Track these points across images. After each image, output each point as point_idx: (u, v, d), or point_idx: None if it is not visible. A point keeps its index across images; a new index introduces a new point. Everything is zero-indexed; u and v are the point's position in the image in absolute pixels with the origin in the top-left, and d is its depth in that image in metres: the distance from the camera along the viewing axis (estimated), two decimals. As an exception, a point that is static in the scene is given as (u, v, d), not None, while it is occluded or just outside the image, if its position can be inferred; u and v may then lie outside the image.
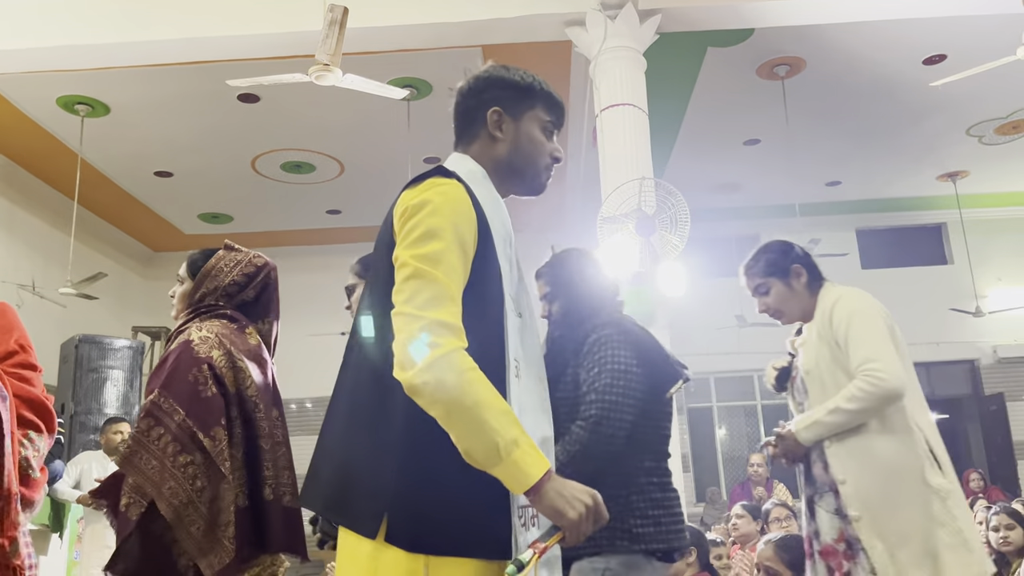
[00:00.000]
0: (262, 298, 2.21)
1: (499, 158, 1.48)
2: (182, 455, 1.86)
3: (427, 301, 1.24)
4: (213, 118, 6.82)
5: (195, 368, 1.93)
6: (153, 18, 5.08)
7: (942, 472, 2.14)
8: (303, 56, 5.12)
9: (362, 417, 1.33)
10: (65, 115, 6.65)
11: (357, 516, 1.28)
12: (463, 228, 1.32)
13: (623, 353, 2.08)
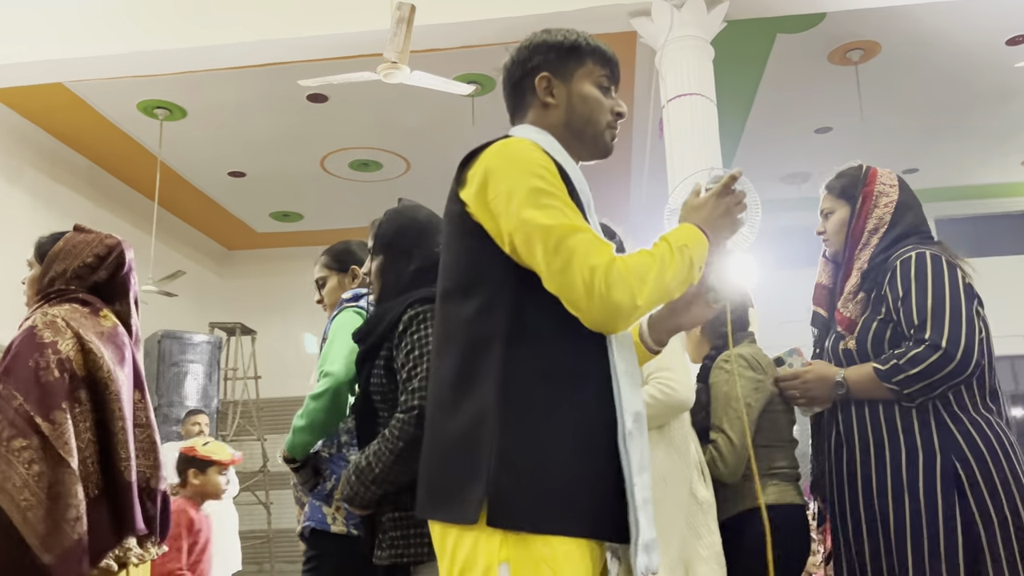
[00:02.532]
0: (116, 278, 2.14)
1: (556, 124, 1.41)
2: (17, 439, 1.79)
3: (584, 256, 1.20)
4: (284, 119, 7.00)
5: (36, 353, 1.87)
6: (228, 22, 5.24)
7: (706, 486, 2.16)
8: (371, 55, 5.20)
9: (452, 399, 1.27)
10: (145, 119, 6.91)
11: (456, 504, 1.20)
12: (548, 174, 1.27)
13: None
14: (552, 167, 1.29)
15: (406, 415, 1.71)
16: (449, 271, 1.35)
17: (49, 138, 7.25)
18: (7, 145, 6.81)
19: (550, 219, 1.22)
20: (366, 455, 1.76)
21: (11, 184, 6.84)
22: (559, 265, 1.21)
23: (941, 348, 1.79)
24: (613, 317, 1.22)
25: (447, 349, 1.30)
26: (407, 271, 1.90)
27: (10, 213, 6.75)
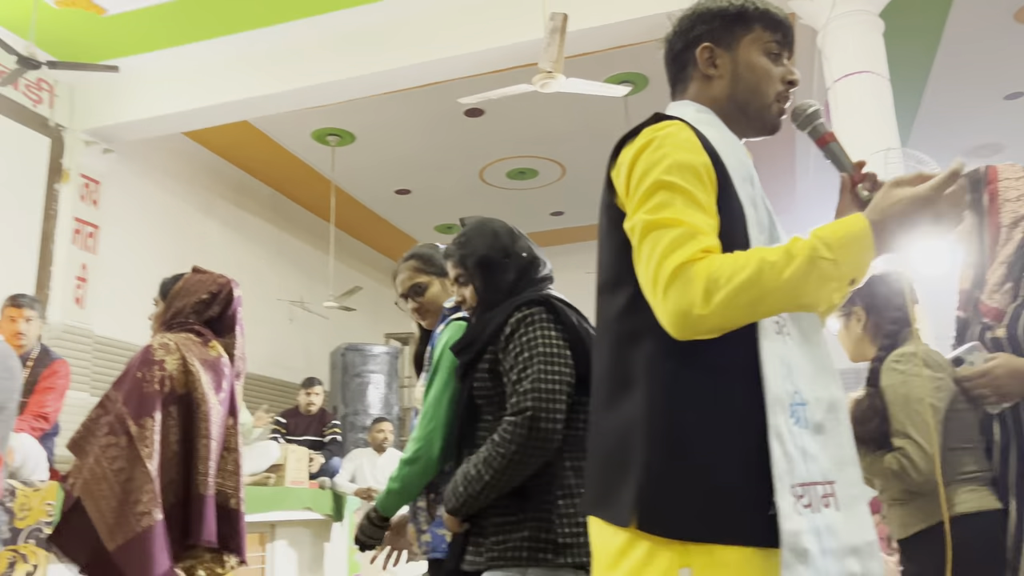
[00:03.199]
0: (226, 314, 2.37)
1: (719, 97, 1.31)
2: (108, 436, 2.00)
3: (667, 249, 1.10)
4: (444, 135, 7.27)
5: (145, 367, 2.10)
6: (388, 48, 5.52)
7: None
8: (524, 66, 5.31)
9: (607, 397, 1.22)
10: (318, 146, 7.41)
11: (611, 505, 1.15)
12: (696, 166, 1.17)
13: (551, 333, 1.75)
14: (697, 151, 1.19)
15: (517, 417, 1.65)
16: (602, 265, 1.29)
17: (237, 171, 7.94)
18: (202, 180, 7.52)
19: (652, 214, 1.14)
20: (474, 463, 1.71)
21: (206, 215, 7.54)
22: (641, 257, 1.14)
23: None
24: (674, 324, 1.09)
25: (600, 346, 1.26)
26: (507, 281, 1.89)
27: (207, 240, 7.45)
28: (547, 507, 1.68)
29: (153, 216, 6.93)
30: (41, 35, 5.36)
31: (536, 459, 1.66)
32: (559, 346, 1.73)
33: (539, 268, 1.94)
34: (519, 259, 1.91)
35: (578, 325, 1.80)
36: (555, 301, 1.81)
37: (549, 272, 1.97)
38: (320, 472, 5.37)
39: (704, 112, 1.30)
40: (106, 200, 6.41)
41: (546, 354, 1.71)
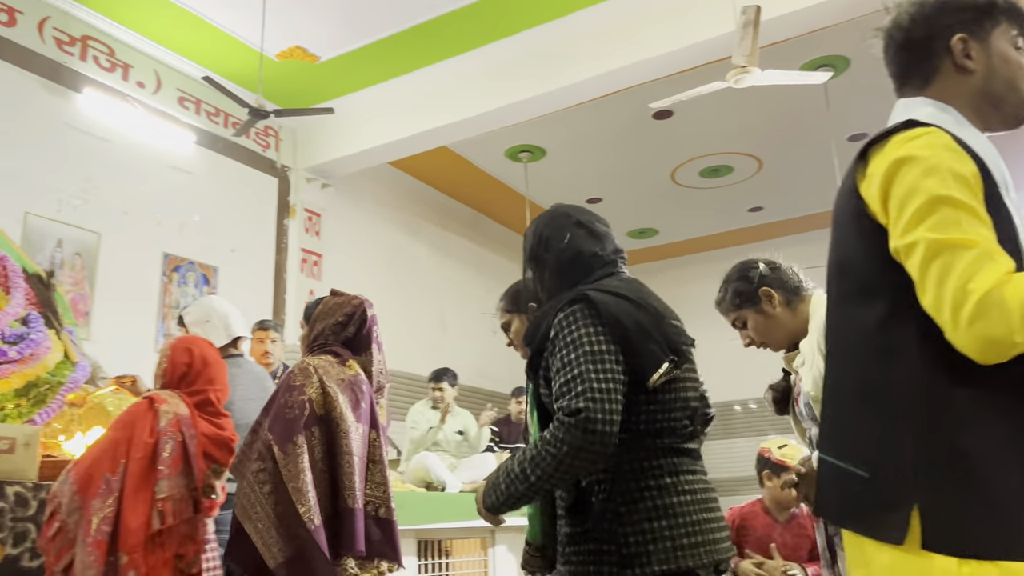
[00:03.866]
0: (361, 333, 2.48)
1: (973, 92, 1.26)
2: (257, 463, 2.16)
3: (963, 277, 1.05)
4: (632, 140, 7.25)
5: (287, 394, 2.25)
6: (574, 61, 5.61)
7: None
8: (714, 62, 5.20)
9: (855, 411, 1.19)
10: (511, 164, 7.65)
11: (876, 521, 1.12)
12: (967, 177, 1.11)
13: (594, 328, 1.61)
14: (964, 160, 1.13)
15: (570, 418, 1.53)
16: (845, 271, 1.25)
17: (439, 194, 8.39)
18: (408, 205, 8.02)
19: (939, 232, 1.08)
20: (519, 461, 1.60)
21: (414, 238, 8.02)
22: (930, 279, 1.08)
23: None
24: (983, 352, 1.04)
25: (845, 357, 1.23)
26: (547, 276, 1.82)
27: (416, 263, 7.92)
28: (609, 515, 1.59)
29: (368, 242, 7.47)
30: (266, 86, 5.99)
31: (588, 463, 1.55)
32: (605, 342, 1.60)
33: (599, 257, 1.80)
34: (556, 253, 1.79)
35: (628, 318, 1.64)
36: (599, 294, 1.67)
37: (611, 255, 1.82)
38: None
39: (947, 111, 1.24)
40: (327, 231, 7.01)
41: (592, 352, 1.59)
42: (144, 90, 5.66)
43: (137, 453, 2.16)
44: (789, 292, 2.16)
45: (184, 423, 2.26)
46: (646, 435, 1.65)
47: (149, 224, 5.58)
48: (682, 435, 1.69)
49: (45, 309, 3.45)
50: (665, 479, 1.62)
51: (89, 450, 2.28)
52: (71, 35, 5.25)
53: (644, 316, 1.66)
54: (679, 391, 1.69)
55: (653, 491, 1.61)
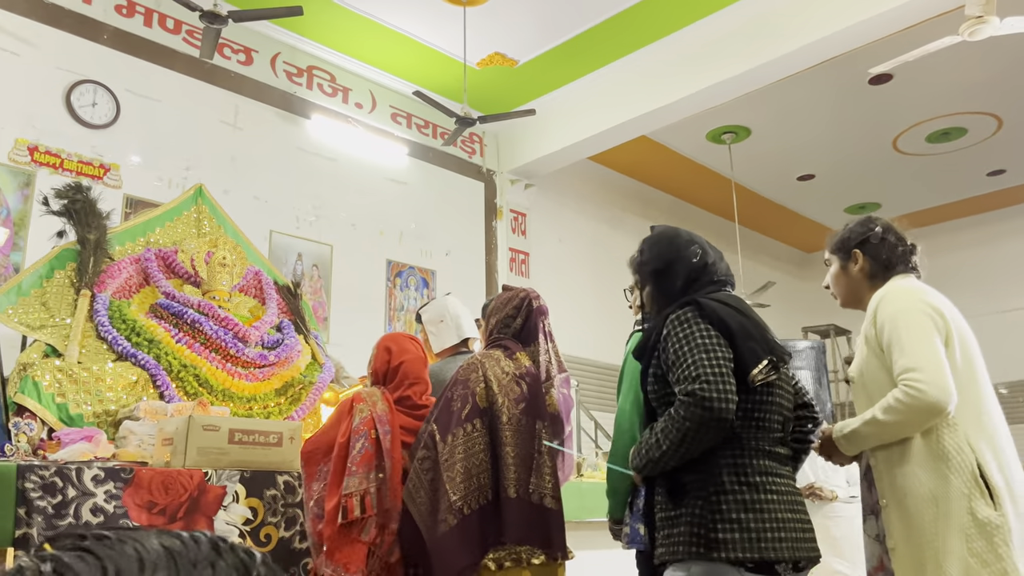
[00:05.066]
0: (527, 325, 2.51)
1: None
2: (423, 449, 2.28)
3: None
4: (846, 110, 6.78)
5: (455, 387, 2.33)
6: (777, 34, 5.33)
7: (994, 503, 1.83)
8: (939, 15, 4.73)
9: None
10: (714, 147, 7.43)
11: None
12: None
13: (703, 327, 1.81)
14: None
15: (689, 397, 1.73)
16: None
17: (639, 184, 8.32)
18: (609, 198, 8.03)
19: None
20: (655, 430, 1.83)
21: (616, 229, 8.02)
22: None
23: None
24: None
25: None
26: (675, 287, 1.97)
27: (617, 254, 7.86)
28: (702, 503, 1.75)
29: (571, 237, 7.58)
30: (469, 95, 6.25)
31: (710, 436, 1.73)
32: (715, 336, 1.79)
33: (711, 273, 1.98)
34: (688, 265, 1.98)
35: (732, 319, 1.83)
36: (706, 300, 1.87)
37: (723, 275, 2.02)
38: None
39: None
40: (532, 229, 7.19)
41: (703, 344, 1.78)
42: (362, 110, 6.12)
43: (334, 452, 2.35)
44: (879, 268, 2.19)
45: (380, 419, 2.39)
46: (743, 432, 1.80)
47: (373, 234, 6.03)
48: (773, 438, 1.86)
49: (294, 317, 3.84)
50: (756, 477, 1.78)
51: (312, 437, 2.51)
52: (298, 67, 5.78)
53: (747, 321, 1.86)
54: (775, 395, 1.86)
55: (744, 486, 1.77)
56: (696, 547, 1.73)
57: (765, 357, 1.79)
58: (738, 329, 1.80)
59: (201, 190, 3.92)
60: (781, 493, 1.79)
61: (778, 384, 1.86)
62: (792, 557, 1.74)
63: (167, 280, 3.46)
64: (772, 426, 1.84)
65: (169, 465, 2.41)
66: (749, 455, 1.79)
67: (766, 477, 1.79)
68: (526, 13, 5.50)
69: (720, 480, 1.76)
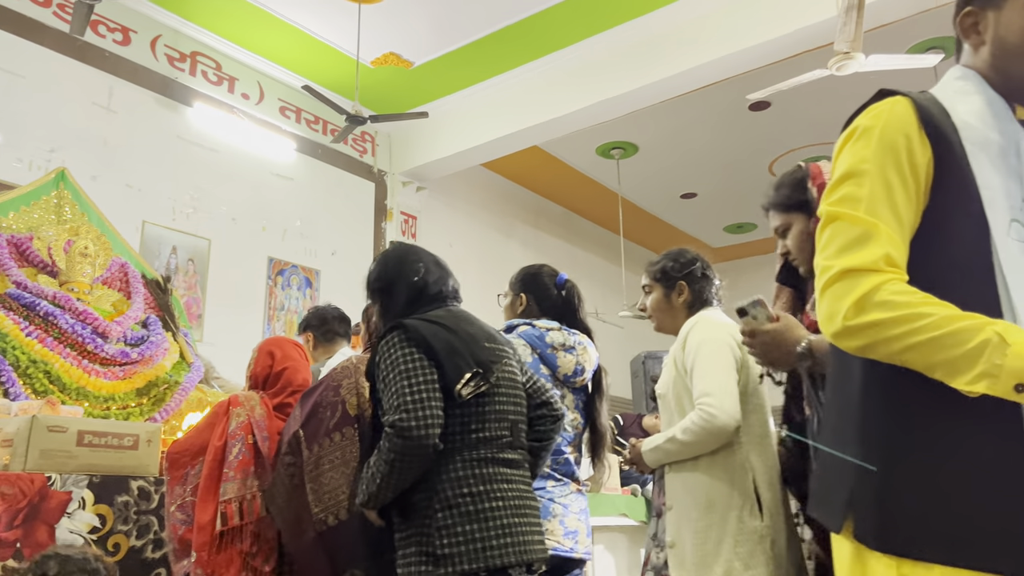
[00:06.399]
0: None
1: (985, 64, 1.21)
2: (288, 456, 2.18)
3: (839, 249, 1.09)
4: (728, 133, 7.08)
5: (325, 392, 2.23)
6: (666, 55, 5.52)
7: (761, 515, 2.01)
8: (814, 49, 5.01)
9: (831, 397, 1.22)
10: (603, 161, 7.60)
11: (827, 508, 1.14)
12: (899, 152, 1.11)
13: (408, 350, 1.85)
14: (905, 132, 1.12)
15: (389, 429, 1.78)
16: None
17: (531, 194, 8.41)
18: (501, 206, 8.07)
19: (838, 204, 1.12)
20: (369, 464, 1.87)
21: (507, 237, 8.07)
22: (819, 248, 1.11)
23: None
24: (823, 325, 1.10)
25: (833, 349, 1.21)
26: (398, 306, 2.03)
27: (510, 263, 7.92)
28: (428, 521, 1.79)
29: (462, 243, 7.57)
30: (362, 93, 6.14)
31: (417, 464, 1.78)
32: (418, 359, 1.84)
33: (432, 291, 2.05)
34: (409, 284, 2.04)
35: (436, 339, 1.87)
36: (412, 320, 1.91)
37: (448, 292, 2.09)
38: (629, 480, 5.46)
39: (965, 79, 1.21)
40: (422, 233, 7.13)
41: (406, 370, 1.82)
42: (248, 101, 5.91)
43: (208, 456, 2.25)
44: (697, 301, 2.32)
45: (258, 425, 2.30)
46: (462, 445, 1.85)
47: (255, 230, 5.82)
48: (501, 444, 1.90)
49: (163, 312, 3.64)
50: (480, 487, 1.83)
51: (181, 439, 2.39)
52: (181, 51, 5.52)
53: (454, 338, 1.91)
54: (497, 403, 1.92)
55: (467, 498, 1.81)
56: (424, 565, 1.77)
57: (469, 371, 1.87)
58: (442, 347, 1.87)
59: (64, 174, 3.67)
60: (508, 499, 1.86)
61: (500, 391, 1.94)
62: (521, 560, 1.80)
63: (19, 268, 3.21)
64: (497, 434, 1.90)
65: (7, 468, 2.23)
66: (472, 466, 1.84)
67: (491, 485, 1.85)
68: (423, 16, 5.46)
69: (444, 495, 1.80)
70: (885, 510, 1.03)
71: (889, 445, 1.05)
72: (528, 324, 2.53)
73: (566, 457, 2.45)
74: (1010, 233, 1.06)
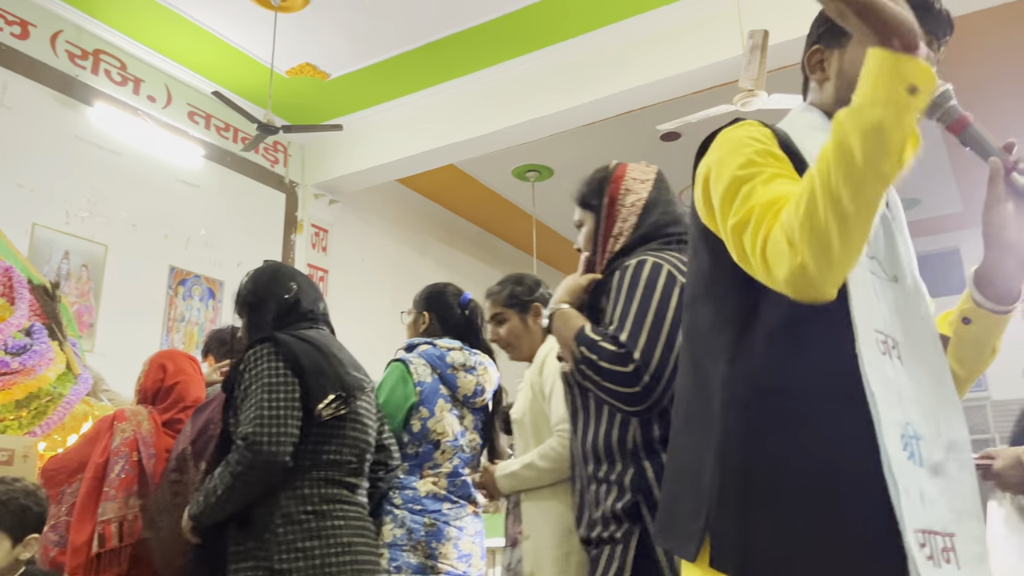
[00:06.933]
0: None
1: (829, 101, 1.19)
2: (175, 472, 2.16)
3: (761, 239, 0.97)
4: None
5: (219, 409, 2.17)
6: (583, 82, 5.63)
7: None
8: (723, 85, 5.20)
9: (683, 418, 1.15)
10: (518, 183, 7.67)
11: (679, 536, 1.08)
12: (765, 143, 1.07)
13: (275, 364, 1.87)
14: (766, 138, 1.09)
15: (241, 441, 1.79)
16: (689, 278, 1.23)
17: (446, 212, 8.41)
18: (415, 222, 8.03)
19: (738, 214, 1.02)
20: (212, 477, 1.86)
21: (421, 254, 8.03)
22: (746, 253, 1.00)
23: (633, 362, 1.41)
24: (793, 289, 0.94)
25: (683, 363, 1.19)
26: (266, 321, 2.05)
27: (423, 280, 7.86)
28: (268, 535, 1.78)
29: (374, 259, 7.48)
30: (276, 102, 6.02)
31: (264, 479, 1.79)
32: (284, 374, 1.85)
33: (302, 310, 2.07)
34: (279, 301, 2.06)
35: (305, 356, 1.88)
36: (284, 335, 1.92)
37: (319, 314, 2.11)
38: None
39: (811, 115, 1.19)
40: (334, 247, 7.02)
41: (269, 383, 1.83)
42: (155, 104, 5.70)
43: (88, 473, 2.15)
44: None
45: (144, 441, 2.22)
46: (312, 465, 1.87)
47: (156, 237, 5.60)
48: (347, 470, 1.94)
49: (49, 320, 3.45)
50: (323, 506, 1.85)
51: (58, 455, 2.28)
52: (83, 48, 5.29)
53: (322, 358, 1.93)
54: (352, 429, 1.95)
55: (310, 515, 1.82)
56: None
57: (333, 392, 1.89)
58: (310, 365, 1.89)
59: (-55, 170, 3.45)
60: (350, 519, 1.89)
61: (358, 419, 1.98)
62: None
63: None
64: (347, 458, 1.95)
65: None
66: (318, 485, 1.87)
67: (334, 505, 1.88)
68: (342, 28, 5.41)
69: (287, 511, 1.81)
70: (745, 536, 0.99)
71: (749, 469, 1.01)
72: (429, 344, 2.51)
73: (463, 479, 2.43)
74: (865, 264, 1.03)
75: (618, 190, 1.76)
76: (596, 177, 1.83)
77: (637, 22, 5.32)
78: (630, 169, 1.80)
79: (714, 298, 1.12)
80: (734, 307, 1.09)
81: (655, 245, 1.64)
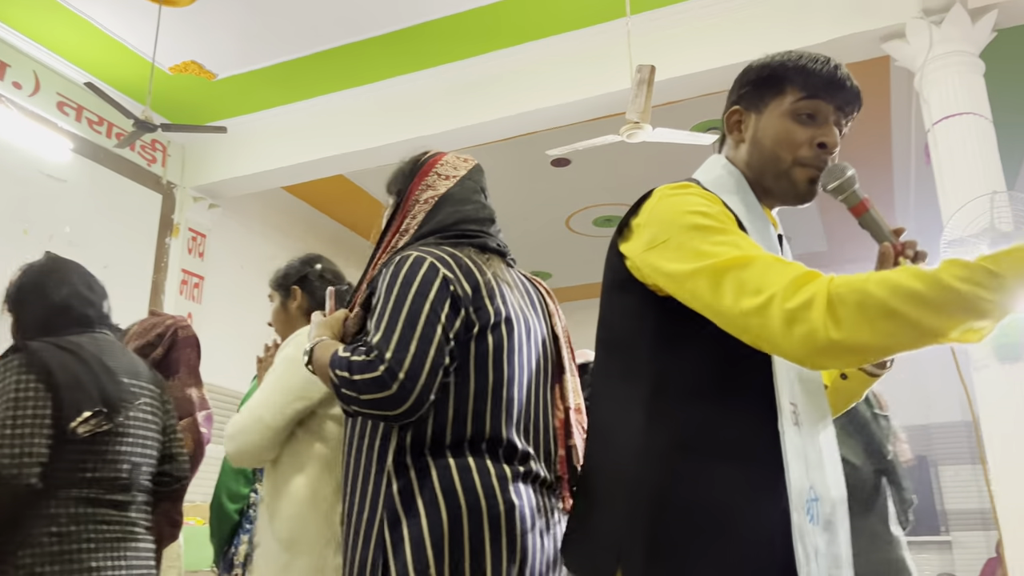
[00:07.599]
0: (169, 356, 2.36)
1: (743, 161, 1.26)
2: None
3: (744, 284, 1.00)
4: (531, 185, 7.37)
5: None
6: (476, 103, 5.67)
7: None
8: (612, 116, 5.36)
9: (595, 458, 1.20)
10: (409, 198, 7.61)
11: (592, 561, 1.12)
12: (708, 211, 1.11)
13: (22, 377, 1.72)
14: (714, 202, 1.15)
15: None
16: (601, 322, 1.27)
17: (332, 223, 8.24)
18: (299, 232, 7.83)
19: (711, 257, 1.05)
20: None
21: (304, 266, 7.82)
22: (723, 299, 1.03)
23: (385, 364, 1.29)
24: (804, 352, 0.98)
25: (595, 404, 1.24)
26: (29, 324, 1.91)
27: (304, 291, 7.71)
28: (7, 559, 1.66)
29: (255, 267, 7.23)
30: (156, 99, 5.76)
31: (2, 504, 1.65)
32: (31, 389, 1.71)
33: (75, 314, 1.91)
34: (46, 304, 1.89)
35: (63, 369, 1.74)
36: (40, 344, 1.78)
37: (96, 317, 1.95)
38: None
39: (728, 174, 1.26)
40: (211, 252, 6.75)
41: (15, 399, 1.70)
42: (20, 91, 5.34)
43: None
44: (316, 304, 2.10)
45: None
46: (67, 483, 1.73)
47: (15, 232, 5.22)
48: (114, 486, 1.80)
49: None
50: (70, 527, 1.71)
51: None
52: (-58, 25, 4.90)
53: (83, 369, 1.77)
54: (115, 444, 1.81)
55: (53, 537, 1.69)
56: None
57: (90, 408, 1.75)
58: (67, 379, 1.74)
59: None
60: (103, 540, 1.75)
61: (128, 432, 1.83)
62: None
63: None
64: (112, 475, 1.80)
65: None
66: (67, 505, 1.73)
67: (87, 525, 1.74)
68: (232, 28, 5.24)
69: (28, 534, 1.68)
70: (659, 562, 1.02)
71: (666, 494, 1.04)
72: None
73: None
74: None
75: (418, 185, 1.62)
76: (403, 168, 1.68)
77: (532, 48, 5.42)
78: (442, 162, 1.66)
79: (635, 345, 1.17)
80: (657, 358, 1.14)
81: (432, 240, 1.52)
